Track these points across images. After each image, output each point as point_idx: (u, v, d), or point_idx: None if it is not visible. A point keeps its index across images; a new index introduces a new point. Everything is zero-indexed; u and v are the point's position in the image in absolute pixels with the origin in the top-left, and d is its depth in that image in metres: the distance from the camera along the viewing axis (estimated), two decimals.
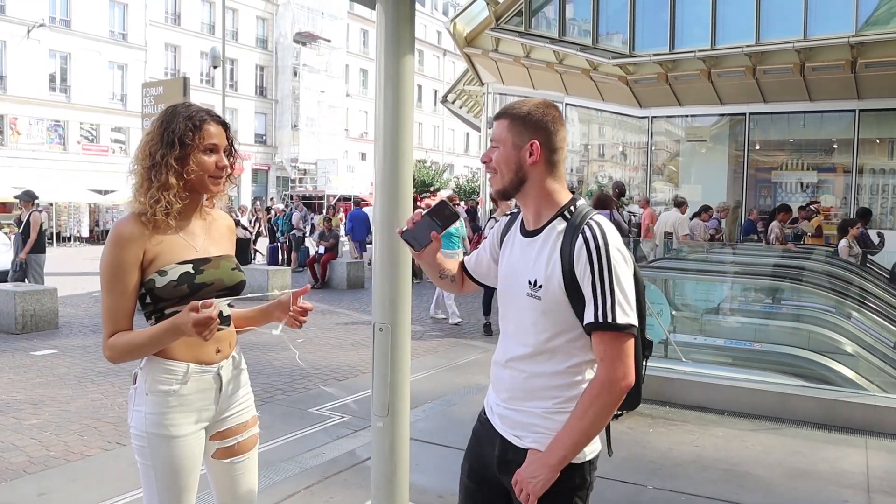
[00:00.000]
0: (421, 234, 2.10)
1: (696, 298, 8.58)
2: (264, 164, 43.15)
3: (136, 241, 2.03)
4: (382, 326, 3.20)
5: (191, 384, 2.11)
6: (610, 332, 1.75)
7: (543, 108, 1.91)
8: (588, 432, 1.80)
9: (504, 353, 1.98)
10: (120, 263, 2.02)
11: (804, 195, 15.68)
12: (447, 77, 53.89)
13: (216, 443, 2.22)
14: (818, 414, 5.46)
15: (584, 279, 1.77)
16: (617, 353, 1.76)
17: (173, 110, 2.14)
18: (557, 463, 1.79)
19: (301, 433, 5.34)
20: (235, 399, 2.26)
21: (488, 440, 2.01)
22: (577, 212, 1.87)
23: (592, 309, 1.75)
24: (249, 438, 2.30)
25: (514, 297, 1.92)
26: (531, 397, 1.89)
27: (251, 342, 8.50)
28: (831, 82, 14.05)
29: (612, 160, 19.56)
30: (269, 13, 43.24)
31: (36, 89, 31.30)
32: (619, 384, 1.76)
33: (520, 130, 1.88)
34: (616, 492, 4.13)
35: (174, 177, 2.06)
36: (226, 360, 2.22)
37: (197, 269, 2.10)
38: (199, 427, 2.15)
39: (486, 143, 21.15)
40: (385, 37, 3.13)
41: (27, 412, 5.77)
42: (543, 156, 1.88)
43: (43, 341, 8.69)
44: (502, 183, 1.91)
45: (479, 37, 18.46)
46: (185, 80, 11.31)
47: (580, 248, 1.77)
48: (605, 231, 1.79)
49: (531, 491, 1.80)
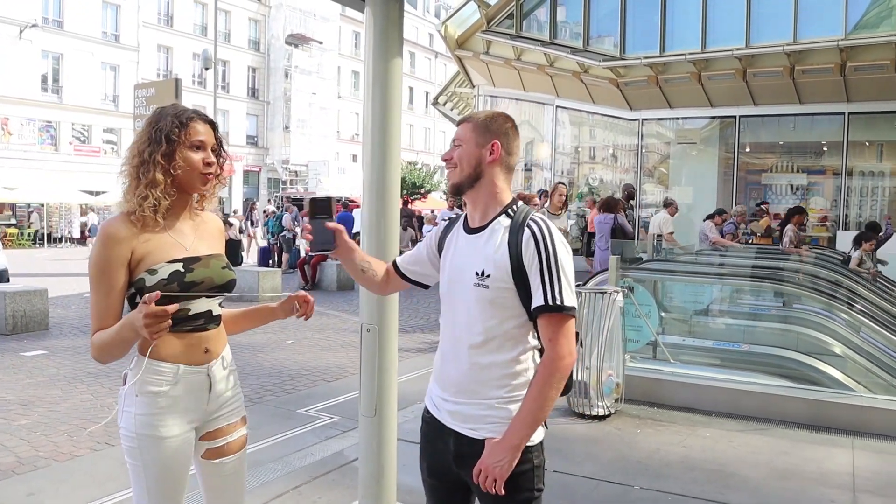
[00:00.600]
0: (322, 236, 2.19)
1: (685, 300, 8.61)
2: (255, 165, 43.07)
3: (124, 240, 2.04)
4: (370, 327, 3.22)
5: (181, 385, 2.11)
6: (557, 313, 1.90)
7: (503, 117, 2.10)
8: (543, 409, 1.93)
9: (453, 346, 2.06)
10: (107, 262, 2.03)
11: (794, 198, 15.75)
12: (439, 79, 53.89)
13: (205, 443, 2.23)
14: (805, 414, 5.50)
15: (531, 267, 1.92)
16: (562, 332, 1.91)
17: (161, 110, 2.17)
18: (520, 443, 1.92)
19: (290, 434, 5.35)
20: (225, 399, 2.26)
21: (439, 437, 2.09)
22: (520, 210, 2.03)
23: (541, 293, 1.90)
24: (238, 439, 2.30)
25: (461, 289, 2.02)
26: (482, 389, 1.99)
27: (240, 343, 8.49)
28: (821, 85, 14.12)
29: (602, 162, 19.60)
30: (262, 15, 43.19)
31: (28, 90, 31.17)
32: (566, 360, 1.91)
33: (483, 131, 2.04)
34: (603, 492, 4.16)
35: (161, 173, 2.07)
36: (215, 361, 2.22)
37: (187, 267, 2.10)
38: (190, 428, 2.16)
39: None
40: (374, 39, 3.15)
41: (17, 413, 5.76)
42: (501, 157, 2.04)
43: (33, 342, 8.67)
44: (460, 177, 2.05)
45: (471, 39, 18.47)
46: (177, 82, 11.29)
47: (528, 239, 1.93)
48: (548, 225, 1.97)
49: (498, 475, 1.90)
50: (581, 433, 5.24)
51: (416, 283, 2.32)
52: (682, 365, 6.63)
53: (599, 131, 19.05)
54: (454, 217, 2.20)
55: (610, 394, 5.60)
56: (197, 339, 2.15)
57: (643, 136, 17.19)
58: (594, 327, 5.60)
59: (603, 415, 5.53)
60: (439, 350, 2.14)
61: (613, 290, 5.76)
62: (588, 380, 5.54)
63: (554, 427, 5.33)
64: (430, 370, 2.25)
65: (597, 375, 5.54)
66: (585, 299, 5.70)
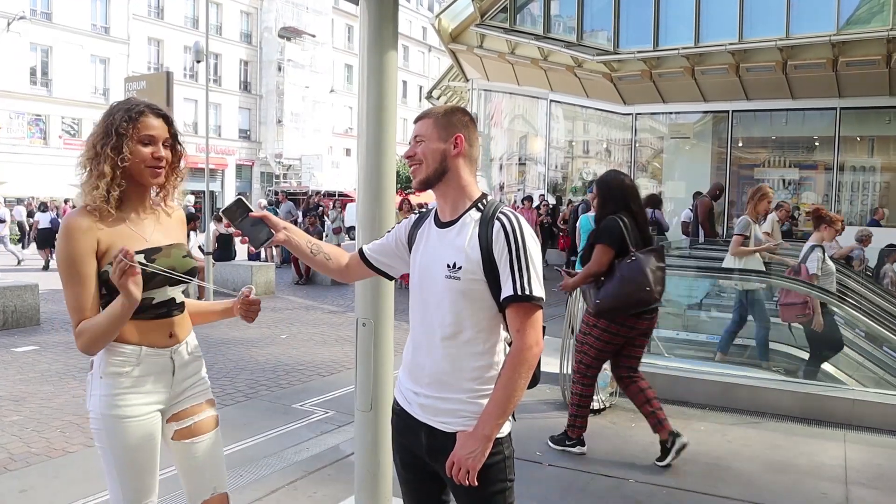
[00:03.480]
0: (255, 232, 2.22)
1: (678, 294, 8.63)
2: (248, 159, 42.93)
3: (87, 230, 2.09)
4: (365, 321, 3.22)
5: (143, 366, 2.17)
6: (525, 303, 1.92)
7: (462, 111, 2.13)
8: (512, 399, 1.93)
9: (426, 338, 2.07)
10: (75, 253, 2.08)
11: (787, 192, 15.81)
12: (432, 73, 53.81)
13: (173, 424, 2.27)
14: (798, 408, 5.52)
15: (501, 259, 1.94)
16: (530, 323, 1.93)
17: (116, 104, 2.22)
18: (491, 433, 1.94)
19: (285, 429, 5.34)
20: (190, 382, 2.32)
21: (411, 430, 2.11)
22: (489, 204, 2.05)
23: (510, 284, 1.93)
24: (207, 419, 2.33)
25: (433, 282, 2.04)
26: (454, 381, 2.01)
27: (234, 338, 8.48)
28: (813, 80, 14.18)
29: (596, 157, 19.64)
30: (254, 7, 42.97)
31: (16, 83, 30.93)
32: (534, 349, 1.94)
33: (445, 126, 2.06)
34: (598, 485, 4.16)
35: (109, 165, 2.12)
36: (179, 344, 2.28)
37: (148, 258, 2.15)
38: (153, 409, 2.20)
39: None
40: (369, 33, 3.13)
41: (8, 409, 5.73)
42: (464, 149, 2.06)
43: (24, 338, 8.62)
44: (426, 173, 2.06)
45: (464, 33, 18.46)
46: (168, 75, 11.19)
47: (497, 231, 1.95)
48: (518, 218, 1.99)
49: (470, 466, 1.92)
50: None
51: (382, 272, 2.33)
52: (676, 359, 6.66)
53: (593, 125, 19.08)
54: (424, 212, 2.22)
55: (605, 388, 5.60)
56: (161, 324, 2.23)
57: (637, 130, 17.23)
58: None
59: (598, 409, 5.53)
60: (410, 342, 2.16)
61: None
62: None
63: (549, 421, 5.33)
64: None
65: None
66: (579, 294, 5.70)
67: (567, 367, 5.64)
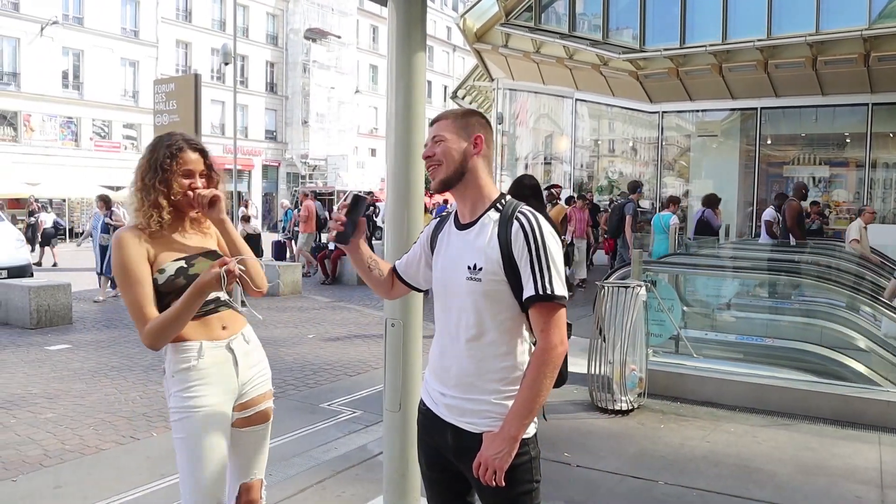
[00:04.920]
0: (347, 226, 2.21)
1: (708, 294, 8.55)
2: (274, 160, 43.21)
3: (138, 243, 2.35)
4: (394, 322, 3.22)
5: (206, 358, 2.37)
6: (548, 303, 1.92)
7: (479, 114, 2.15)
8: (538, 399, 1.93)
9: (450, 341, 2.08)
10: (129, 259, 2.32)
11: (816, 190, 15.58)
12: (457, 73, 53.77)
13: (237, 413, 2.47)
14: (830, 410, 5.44)
15: (521, 259, 1.94)
16: (554, 322, 1.93)
17: (158, 140, 2.49)
18: (517, 433, 1.93)
19: (313, 428, 5.37)
20: (255, 371, 2.53)
21: (437, 431, 2.12)
22: (508, 204, 2.05)
23: (532, 284, 1.92)
24: (266, 409, 2.57)
25: (455, 284, 2.04)
26: (481, 381, 2.01)
27: (261, 338, 8.53)
28: (844, 76, 13.94)
29: (622, 156, 19.51)
30: (280, 9, 43.25)
31: (49, 86, 31.44)
32: (558, 349, 1.93)
33: (464, 126, 2.07)
34: (627, 487, 4.14)
35: (162, 197, 2.38)
36: (235, 336, 2.47)
37: (189, 262, 2.40)
38: (224, 399, 2.40)
39: (497, 139, 21.12)
40: (397, 35, 3.14)
41: (42, 406, 5.83)
42: (483, 150, 2.07)
43: (57, 336, 8.77)
44: (446, 173, 2.05)
45: (489, 32, 18.42)
46: (196, 77, 11.30)
47: (517, 231, 1.95)
48: (537, 217, 1.98)
49: (498, 467, 1.92)
50: (604, 428, 5.23)
51: (414, 287, 2.35)
52: (704, 359, 6.59)
53: (619, 124, 18.95)
54: (444, 214, 2.23)
55: (633, 388, 5.57)
56: (212, 319, 2.43)
57: (663, 128, 17.09)
58: (617, 322, 5.58)
59: (626, 409, 5.50)
60: (436, 345, 2.16)
61: (636, 285, 5.73)
62: (611, 374, 5.52)
63: (577, 422, 5.32)
64: None
65: (620, 370, 5.51)
66: (608, 294, 5.68)
67: (595, 367, 5.62)
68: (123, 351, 7.84)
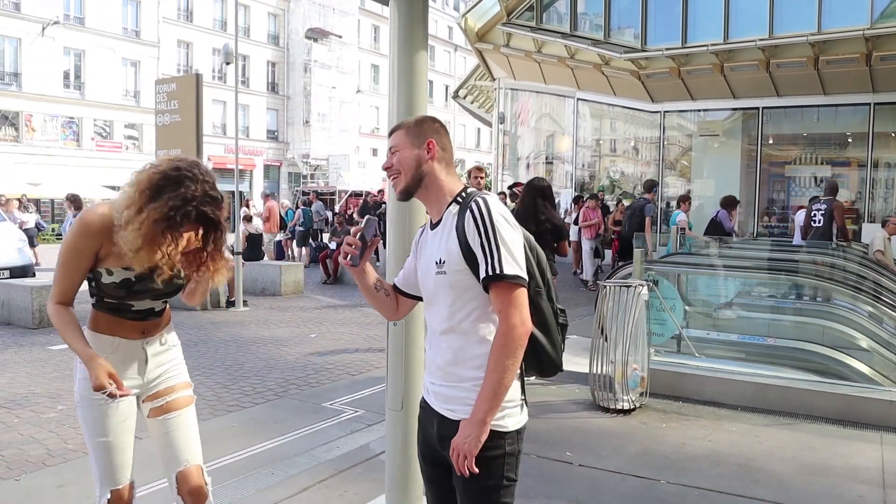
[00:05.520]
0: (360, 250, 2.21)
1: (709, 294, 8.54)
2: (276, 160, 43.24)
3: (98, 235, 2.35)
4: (396, 321, 3.22)
5: (119, 353, 2.48)
6: (501, 282, 1.94)
7: (431, 119, 2.22)
8: (502, 381, 1.95)
9: (432, 334, 2.16)
10: (79, 249, 2.36)
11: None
12: (458, 72, 53.77)
13: (148, 404, 2.56)
14: (832, 409, 5.44)
15: (475, 244, 1.97)
16: (510, 302, 1.95)
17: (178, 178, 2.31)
18: (484, 416, 1.95)
19: (315, 427, 5.37)
20: (164, 369, 2.60)
21: (428, 421, 2.18)
22: (467, 196, 2.09)
23: (483, 265, 1.96)
24: (180, 398, 2.60)
25: (429, 280, 2.11)
26: (459, 370, 2.06)
27: (264, 337, 8.56)
28: (846, 76, 13.93)
29: (623, 155, 19.49)
30: (281, 9, 43.28)
31: (50, 86, 31.49)
32: (518, 329, 1.94)
33: (416, 134, 2.14)
34: (629, 486, 4.14)
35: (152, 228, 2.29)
36: (151, 338, 2.56)
37: (137, 278, 2.42)
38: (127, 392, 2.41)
39: (497, 138, 21.12)
40: (399, 34, 3.15)
41: (45, 405, 5.84)
42: (437, 153, 2.13)
43: (59, 336, 8.75)
44: (405, 182, 2.13)
45: (491, 32, 18.42)
46: (197, 77, 11.30)
47: (468, 219, 1.99)
48: (488, 202, 2.01)
49: (467, 451, 1.95)
50: (606, 427, 5.23)
51: (417, 297, 2.34)
52: (706, 359, 6.59)
53: (621, 124, 18.94)
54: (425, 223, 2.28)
55: (635, 388, 5.57)
56: (136, 324, 2.53)
57: (665, 128, 17.07)
58: (619, 321, 5.58)
59: (628, 409, 5.50)
60: (426, 340, 2.23)
61: (638, 284, 5.73)
62: (613, 374, 5.53)
63: (579, 421, 5.32)
64: None
65: (622, 369, 5.51)
66: (610, 293, 5.68)
67: (597, 367, 5.62)
68: None
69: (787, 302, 8.50)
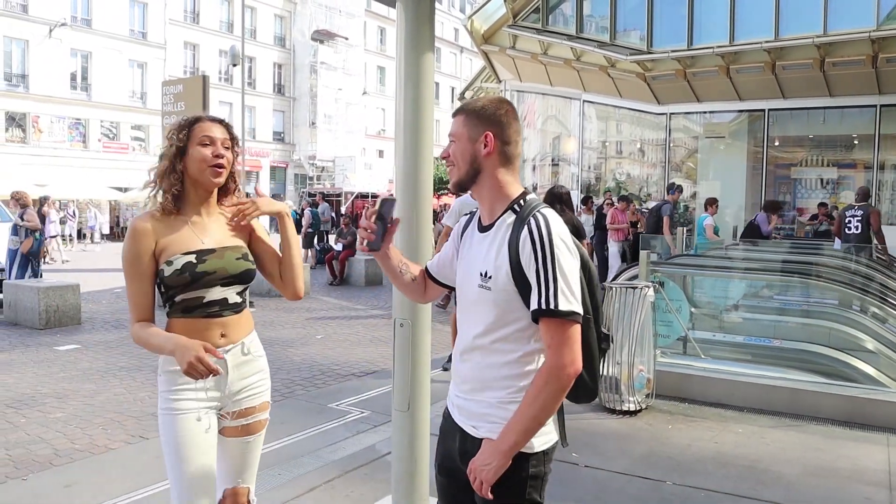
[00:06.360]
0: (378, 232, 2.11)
1: (715, 295, 8.53)
2: (282, 161, 43.34)
3: (148, 233, 2.26)
4: (403, 322, 3.23)
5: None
6: (554, 318, 1.80)
7: (497, 103, 1.99)
8: (538, 418, 1.83)
9: (463, 344, 2.02)
10: (134, 253, 2.26)
11: (824, 192, 15.54)
12: (464, 74, 53.82)
13: (226, 422, 2.39)
14: (839, 411, 5.43)
15: (529, 268, 1.82)
16: (562, 340, 1.81)
17: (178, 121, 2.40)
18: (508, 449, 1.83)
19: (321, 428, 5.38)
20: (247, 383, 2.42)
21: (451, 434, 2.06)
22: (526, 205, 1.93)
23: (536, 296, 1.81)
24: (257, 422, 2.46)
25: (468, 289, 1.98)
26: (486, 387, 1.94)
27: (270, 338, 8.57)
28: (852, 77, 13.90)
29: (629, 157, 19.48)
30: (288, 11, 43.40)
31: (57, 88, 31.64)
32: (567, 370, 1.81)
33: (475, 124, 1.95)
34: (635, 487, 4.14)
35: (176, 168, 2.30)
36: (233, 346, 2.36)
37: (199, 258, 2.28)
38: (204, 406, 2.31)
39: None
40: (405, 36, 3.15)
41: (52, 406, 5.86)
42: (497, 147, 1.95)
43: (66, 336, 8.81)
44: (458, 175, 1.98)
45: (497, 34, 18.43)
46: (204, 79, 11.34)
47: (524, 238, 1.83)
48: (549, 222, 1.85)
49: (484, 478, 1.84)
50: (612, 428, 5.23)
51: (448, 286, 2.26)
52: (712, 360, 6.59)
53: (626, 126, 18.93)
54: (474, 211, 2.13)
55: (641, 389, 5.57)
56: (212, 324, 2.32)
57: (671, 130, 17.06)
58: (625, 322, 5.58)
59: (634, 410, 5.50)
60: (456, 346, 2.11)
61: (644, 286, 5.73)
62: (619, 375, 5.52)
63: (585, 422, 5.32)
64: None
65: (628, 371, 5.51)
66: (616, 294, 5.68)
67: (603, 368, 5.61)
68: (132, 351, 7.87)
69: (793, 304, 8.48)
